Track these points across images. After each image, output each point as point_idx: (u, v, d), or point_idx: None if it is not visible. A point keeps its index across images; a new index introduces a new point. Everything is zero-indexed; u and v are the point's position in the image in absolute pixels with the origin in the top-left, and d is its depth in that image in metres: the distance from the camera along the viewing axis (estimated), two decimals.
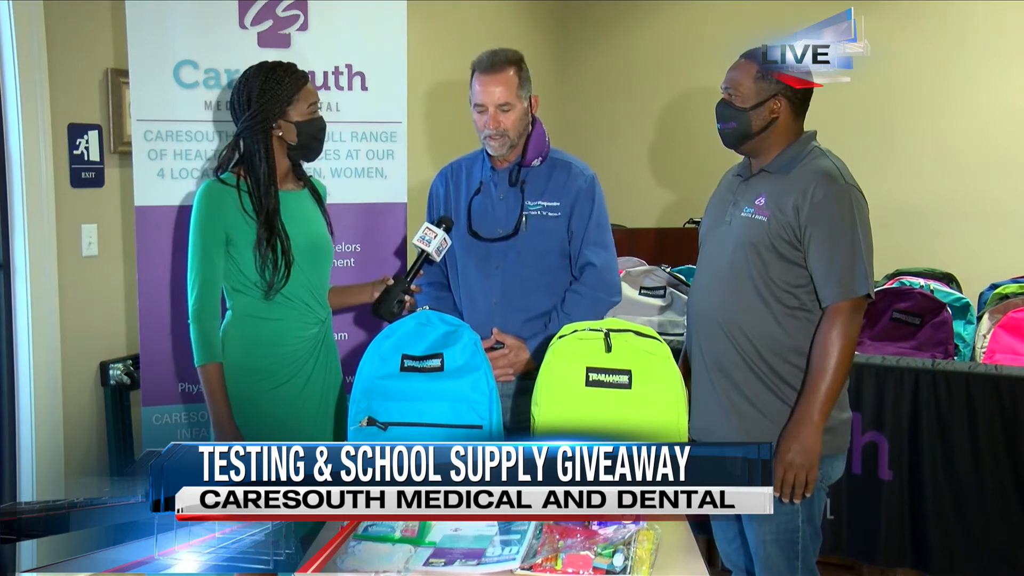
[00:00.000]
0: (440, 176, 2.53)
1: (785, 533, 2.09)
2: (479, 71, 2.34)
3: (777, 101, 2.09)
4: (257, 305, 2.28)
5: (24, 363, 2.85)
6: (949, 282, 3.48)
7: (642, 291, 3.38)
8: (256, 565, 1.68)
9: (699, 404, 2.17)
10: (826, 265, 2.02)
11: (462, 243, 2.42)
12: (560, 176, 2.40)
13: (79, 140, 2.97)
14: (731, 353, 2.11)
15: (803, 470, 2.01)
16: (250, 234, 2.25)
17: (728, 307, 2.11)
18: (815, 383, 2.02)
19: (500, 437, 1.90)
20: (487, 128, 2.33)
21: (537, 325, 2.37)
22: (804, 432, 2.01)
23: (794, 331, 2.07)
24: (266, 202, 2.26)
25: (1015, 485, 2.72)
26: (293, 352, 2.30)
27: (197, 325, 2.24)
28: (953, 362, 2.96)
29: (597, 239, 2.40)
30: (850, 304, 2.02)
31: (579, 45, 5.71)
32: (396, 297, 2.34)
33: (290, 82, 2.27)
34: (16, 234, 2.82)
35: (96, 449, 3.02)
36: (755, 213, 2.09)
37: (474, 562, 1.67)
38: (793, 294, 2.07)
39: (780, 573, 2.11)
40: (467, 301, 2.44)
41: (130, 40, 2.64)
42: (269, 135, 2.27)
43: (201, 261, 2.24)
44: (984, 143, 4.67)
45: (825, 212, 2.01)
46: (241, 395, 2.26)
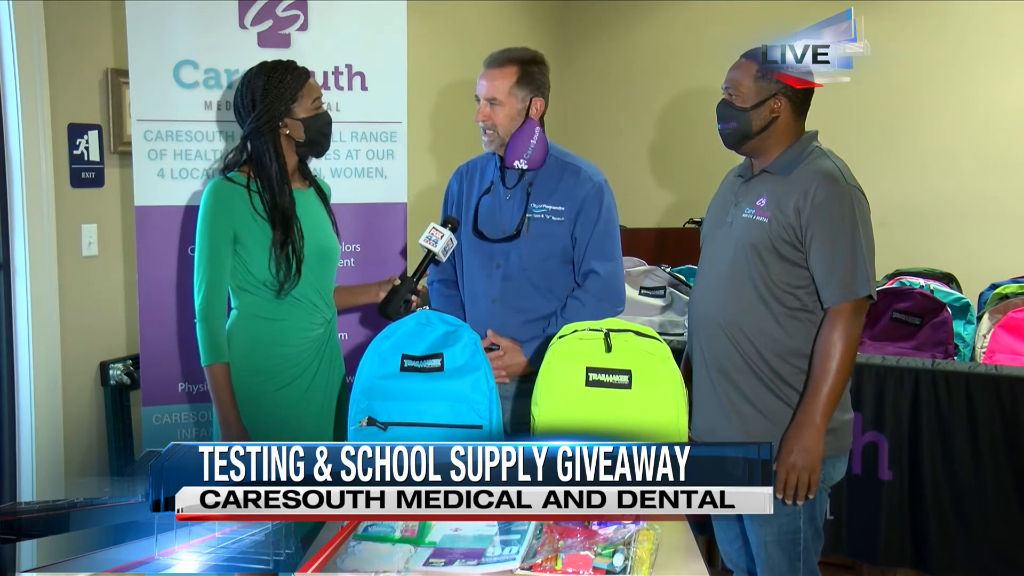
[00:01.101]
0: (456, 174, 2.53)
1: (787, 534, 2.09)
2: (484, 65, 2.36)
3: (777, 101, 2.09)
4: (264, 305, 2.28)
5: (24, 363, 2.85)
6: (949, 282, 3.48)
7: (642, 291, 3.38)
8: (256, 565, 1.68)
9: (700, 405, 2.17)
10: (827, 266, 2.02)
11: (468, 241, 2.42)
12: (569, 180, 2.38)
13: (79, 140, 2.97)
14: (732, 354, 2.11)
15: (805, 472, 2.01)
16: (259, 233, 2.24)
17: (729, 308, 2.11)
18: (817, 385, 2.02)
19: (500, 437, 1.89)
20: (478, 120, 2.35)
21: (536, 328, 2.36)
22: (806, 434, 2.01)
23: (795, 332, 2.07)
24: (281, 201, 2.25)
25: (1015, 485, 2.72)
26: (299, 353, 2.30)
27: (204, 325, 2.22)
28: (953, 362, 2.96)
29: (602, 248, 2.37)
30: (852, 305, 2.02)
31: (579, 45, 5.71)
32: (403, 297, 2.35)
33: (292, 79, 2.27)
34: (16, 234, 2.82)
35: (96, 449, 3.02)
36: (756, 214, 2.08)
37: (474, 562, 1.67)
38: (794, 295, 2.07)
39: (782, 574, 2.11)
40: (469, 299, 2.44)
41: (130, 40, 2.64)
42: (277, 134, 2.27)
43: (209, 260, 2.23)
44: (984, 143, 4.67)
45: (826, 213, 2.01)
46: (244, 395, 2.25)
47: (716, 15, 5.14)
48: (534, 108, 2.35)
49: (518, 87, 2.33)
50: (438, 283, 2.52)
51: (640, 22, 5.54)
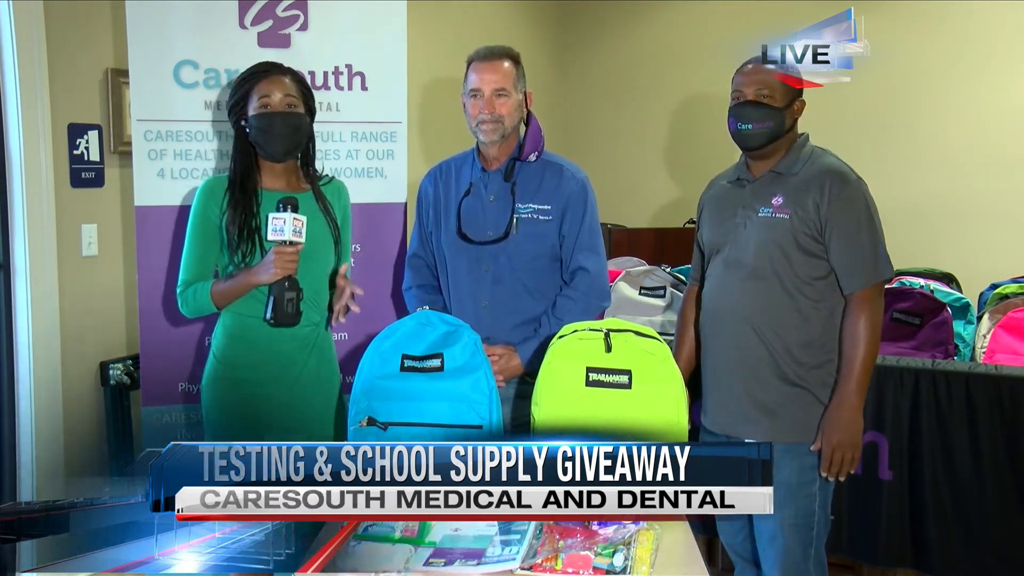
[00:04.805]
0: (429, 176, 2.52)
1: (803, 518, 2.18)
2: (476, 60, 2.36)
3: (800, 101, 2.22)
4: (249, 303, 2.28)
5: (24, 363, 2.85)
6: (949, 282, 3.48)
7: (642, 291, 3.37)
8: (256, 565, 1.67)
9: (718, 398, 2.26)
10: (849, 255, 2.14)
11: (452, 246, 2.41)
12: (552, 179, 2.39)
13: (79, 140, 2.97)
14: (758, 347, 2.20)
15: (850, 449, 2.14)
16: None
17: (755, 304, 2.19)
18: (851, 366, 2.15)
19: (500, 437, 1.90)
20: (482, 113, 2.33)
21: (527, 329, 2.36)
22: (846, 413, 2.14)
23: (816, 322, 2.18)
24: (241, 197, 2.28)
25: (1015, 485, 2.72)
26: (285, 351, 2.30)
27: (187, 308, 2.30)
28: (953, 362, 2.96)
29: (589, 244, 2.39)
30: (874, 289, 2.15)
31: (579, 45, 5.71)
32: (285, 299, 2.21)
33: (248, 79, 2.30)
34: (16, 234, 2.82)
35: (96, 449, 3.02)
36: (774, 212, 2.18)
37: (474, 562, 1.67)
38: (814, 286, 2.18)
39: (795, 559, 2.18)
40: (456, 304, 2.42)
41: (130, 40, 2.64)
42: (238, 133, 2.32)
43: (189, 249, 2.30)
44: (984, 143, 4.67)
45: (844, 206, 2.14)
46: (231, 393, 2.28)
47: (716, 15, 5.14)
48: (529, 101, 2.40)
49: (517, 79, 2.36)
50: (416, 288, 2.50)
51: (641, 22, 5.54)
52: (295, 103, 2.29)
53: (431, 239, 2.49)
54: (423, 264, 2.52)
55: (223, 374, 2.31)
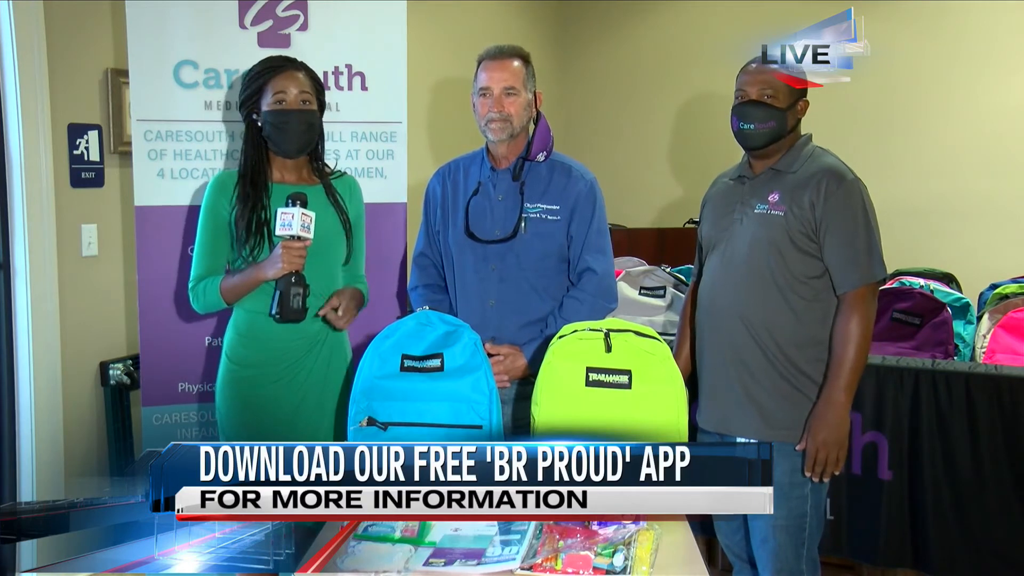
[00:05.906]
0: (437, 176, 2.52)
1: (795, 519, 2.17)
2: (486, 59, 2.35)
3: (804, 102, 2.22)
4: (258, 299, 2.28)
5: (24, 363, 2.85)
6: (949, 282, 3.48)
7: (642, 291, 3.37)
8: (256, 565, 1.67)
9: (714, 396, 2.25)
10: (843, 255, 2.13)
11: (459, 244, 2.40)
12: (560, 179, 2.39)
13: (79, 140, 2.97)
14: (751, 345, 2.19)
15: (835, 448, 2.12)
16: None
17: (749, 301, 2.19)
18: (839, 365, 2.13)
19: (500, 437, 1.89)
20: (491, 112, 2.32)
21: (534, 330, 2.35)
22: (832, 412, 2.12)
23: (810, 321, 2.17)
24: (251, 191, 2.28)
25: (1015, 485, 2.71)
26: (292, 348, 2.30)
27: (197, 303, 2.31)
28: (953, 362, 2.96)
29: (597, 245, 2.38)
30: (867, 289, 2.14)
31: (579, 45, 5.71)
32: (292, 295, 2.23)
33: (262, 73, 2.29)
34: (16, 234, 2.82)
35: (96, 449, 3.02)
36: (770, 209, 2.18)
37: (474, 562, 1.67)
38: (808, 284, 2.16)
39: (787, 559, 2.18)
40: (463, 303, 2.41)
41: (130, 40, 2.64)
42: (250, 127, 2.31)
43: (200, 243, 2.31)
44: (984, 143, 4.67)
45: (839, 205, 2.13)
46: (237, 390, 2.28)
47: (717, 16, 5.14)
48: (539, 101, 2.40)
49: (527, 79, 2.36)
50: (422, 288, 2.49)
51: (641, 22, 5.54)
52: (309, 99, 2.30)
53: (438, 238, 2.48)
54: (430, 263, 2.52)
55: (235, 374, 2.30)
